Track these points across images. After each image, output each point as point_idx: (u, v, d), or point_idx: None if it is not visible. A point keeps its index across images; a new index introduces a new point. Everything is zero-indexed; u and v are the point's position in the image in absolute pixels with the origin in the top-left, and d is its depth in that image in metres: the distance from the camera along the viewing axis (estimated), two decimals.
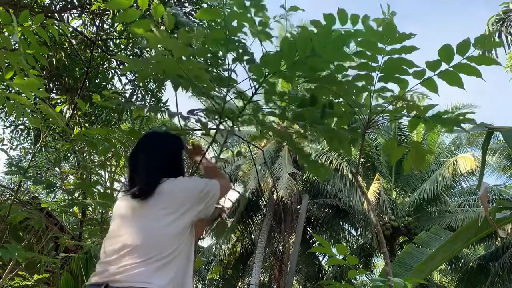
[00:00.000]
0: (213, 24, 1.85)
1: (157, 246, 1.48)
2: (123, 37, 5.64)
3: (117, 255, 1.48)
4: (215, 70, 2.09)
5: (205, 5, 5.38)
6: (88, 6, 5.24)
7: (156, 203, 1.58)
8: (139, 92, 5.96)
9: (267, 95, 1.98)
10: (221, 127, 2.06)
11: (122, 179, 3.17)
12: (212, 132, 2.18)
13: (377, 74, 1.83)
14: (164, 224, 1.53)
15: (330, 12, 1.66)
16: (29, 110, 2.61)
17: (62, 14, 5.35)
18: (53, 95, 5.69)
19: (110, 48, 5.75)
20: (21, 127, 6.47)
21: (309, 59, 1.70)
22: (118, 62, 5.89)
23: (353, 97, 1.93)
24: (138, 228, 1.54)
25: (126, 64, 2.57)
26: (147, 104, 5.88)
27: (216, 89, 1.97)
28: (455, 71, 1.68)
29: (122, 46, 5.77)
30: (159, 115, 7.11)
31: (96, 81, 5.72)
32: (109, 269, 1.46)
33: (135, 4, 1.78)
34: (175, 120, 2.20)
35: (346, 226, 16.19)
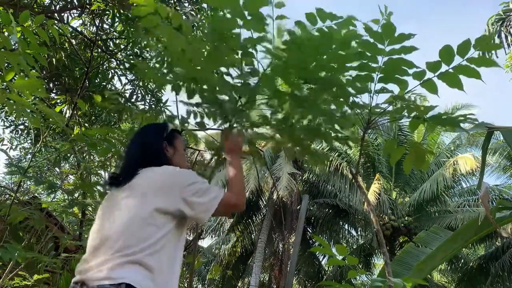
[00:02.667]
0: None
1: (129, 237, 1.39)
2: (123, 37, 5.65)
3: (93, 250, 1.44)
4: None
5: (205, 5, 5.40)
6: (88, 6, 5.24)
7: (131, 191, 1.52)
8: (139, 92, 5.96)
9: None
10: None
11: None
12: (212, 133, 2.18)
13: (377, 75, 1.83)
14: (136, 213, 1.44)
15: (311, 12, 1.68)
16: (29, 110, 2.61)
17: (62, 14, 5.35)
18: (53, 95, 5.69)
19: (110, 48, 5.75)
20: (21, 127, 6.47)
21: (315, 67, 1.72)
22: (118, 62, 5.89)
23: (353, 98, 1.93)
24: (111, 219, 1.49)
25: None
26: (147, 104, 5.88)
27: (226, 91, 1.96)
28: (455, 73, 1.68)
29: (122, 46, 5.77)
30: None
31: (96, 81, 5.72)
32: (86, 266, 1.41)
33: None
34: (175, 121, 2.19)
35: (346, 226, 16.19)
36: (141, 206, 1.46)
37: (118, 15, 5.24)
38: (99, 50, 5.60)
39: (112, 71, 5.89)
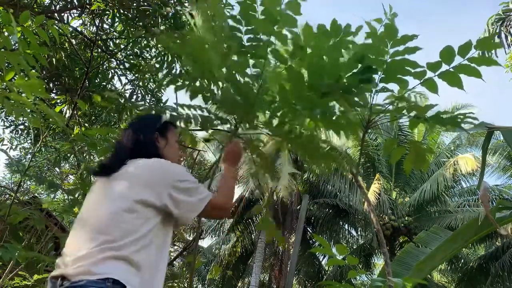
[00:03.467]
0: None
1: (115, 230, 1.32)
2: (123, 37, 5.64)
3: (76, 242, 1.36)
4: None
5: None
6: (88, 6, 5.24)
7: (118, 182, 1.46)
8: (139, 92, 5.96)
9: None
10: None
11: None
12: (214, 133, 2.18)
13: (379, 76, 1.83)
14: (121, 204, 1.38)
15: (323, 24, 1.71)
16: (29, 110, 2.61)
17: (62, 14, 5.35)
18: (53, 95, 5.68)
19: (110, 48, 5.75)
20: (21, 127, 6.47)
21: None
22: (118, 62, 5.89)
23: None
24: (96, 210, 1.42)
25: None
26: (147, 104, 5.88)
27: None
28: (455, 72, 1.69)
29: (122, 46, 5.77)
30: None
31: (96, 81, 5.71)
32: (67, 260, 1.32)
33: None
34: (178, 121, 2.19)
35: (346, 226, 16.19)
36: (127, 197, 1.39)
37: (118, 15, 5.23)
38: (99, 50, 5.60)
39: (112, 71, 5.89)
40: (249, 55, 1.86)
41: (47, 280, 1.37)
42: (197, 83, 1.98)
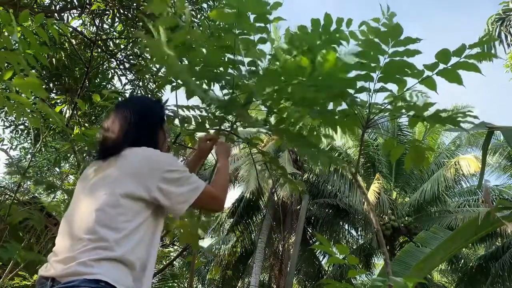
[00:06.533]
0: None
1: (104, 227, 1.25)
2: (123, 37, 5.65)
3: (65, 240, 1.31)
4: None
5: (205, 5, 5.40)
6: (88, 6, 5.24)
7: (104, 176, 1.38)
8: (139, 92, 5.96)
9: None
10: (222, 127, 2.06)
11: None
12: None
13: (377, 75, 1.83)
14: (107, 200, 1.30)
15: (317, 18, 1.73)
16: (29, 110, 2.61)
17: (62, 14, 5.35)
18: (53, 95, 5.68)
19: (110, 48, 5.75)
20: (21, 127, 6.47)
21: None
22: (118, 62, 5.89)
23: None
24: (84, 205, 1.35)
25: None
26: None
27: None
28: (454, 68, 1.69)
29: (122, 46, 5.77)
30: None
31: (96, 81, 5.71)
32: (57, 259, 1.28)
33: None
34: (175, 121, 2.19)
35: (346, 226, 16.21)
36: (113, 192, 1.32)
37: (118, 15, 5.24)
38: (99, 50, 5.60)
39: (112, 71, 5.89)
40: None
41: (38, 277, 1.33)
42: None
